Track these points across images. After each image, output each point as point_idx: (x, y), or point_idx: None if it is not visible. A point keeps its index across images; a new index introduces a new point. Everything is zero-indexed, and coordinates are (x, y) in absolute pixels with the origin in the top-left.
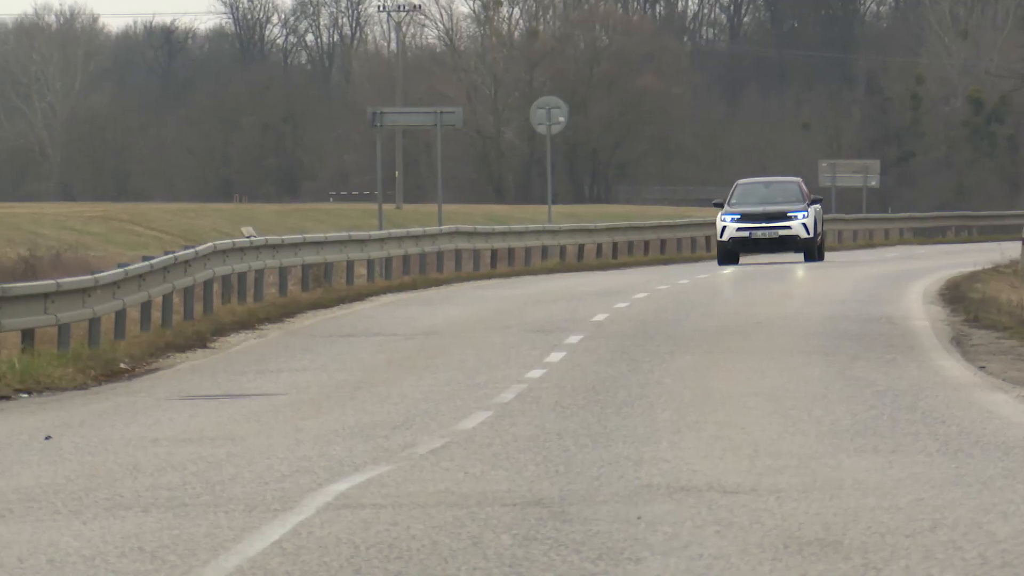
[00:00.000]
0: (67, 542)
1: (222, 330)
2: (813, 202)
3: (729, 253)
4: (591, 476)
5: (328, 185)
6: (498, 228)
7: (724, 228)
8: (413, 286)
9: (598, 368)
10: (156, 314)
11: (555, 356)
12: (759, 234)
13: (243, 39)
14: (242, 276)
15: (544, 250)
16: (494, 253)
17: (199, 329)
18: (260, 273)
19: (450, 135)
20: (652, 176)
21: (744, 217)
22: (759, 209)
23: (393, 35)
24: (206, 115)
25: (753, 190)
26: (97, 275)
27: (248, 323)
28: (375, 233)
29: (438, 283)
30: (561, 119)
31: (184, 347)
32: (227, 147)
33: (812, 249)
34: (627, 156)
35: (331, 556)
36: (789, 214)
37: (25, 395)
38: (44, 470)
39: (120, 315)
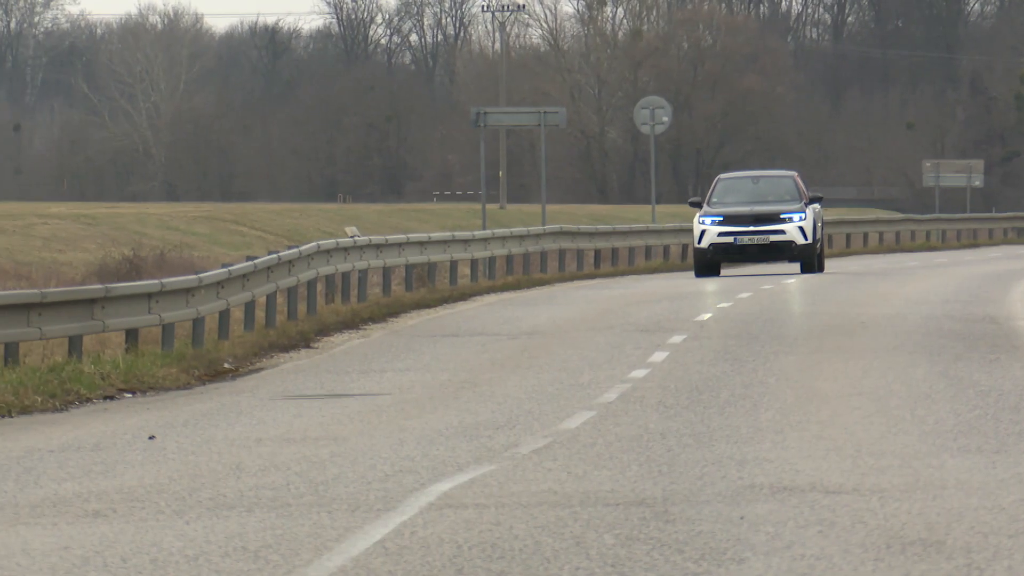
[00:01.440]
0: (170, 542)
1: (326, 330)
2: (812, 201)
3: (709, 263)
4: (694, 476)
5: (432, 185)
6: (602, 228)
7: (703, 232)
8: (516, 286)
9: (701, 368)
10: (260, 314)
11: (658, 356)
12: (746, 240)
13: (347, 39)
14: (346, 276)
15: (648, 250)
16: (597, 253)
17: (303, 329)
18: (364, 273)
19: (554, 135)
20: None
21: (728, 219)
22: (746, 210)
23: (497, 35)
24: (310, 115)
25: (739, 186)
26: (201, 275)
27: (351, 323)
28: (478, 233)
29: (541, 283)
30: (665, 119)
31: (288, 347)
32: (331, 147)
33: (810, 258)
34: (731, 156)
35: (434, 556)
36: (783, 215)
37: (129, 395)
38: (147, 470)
39: (224, 315)
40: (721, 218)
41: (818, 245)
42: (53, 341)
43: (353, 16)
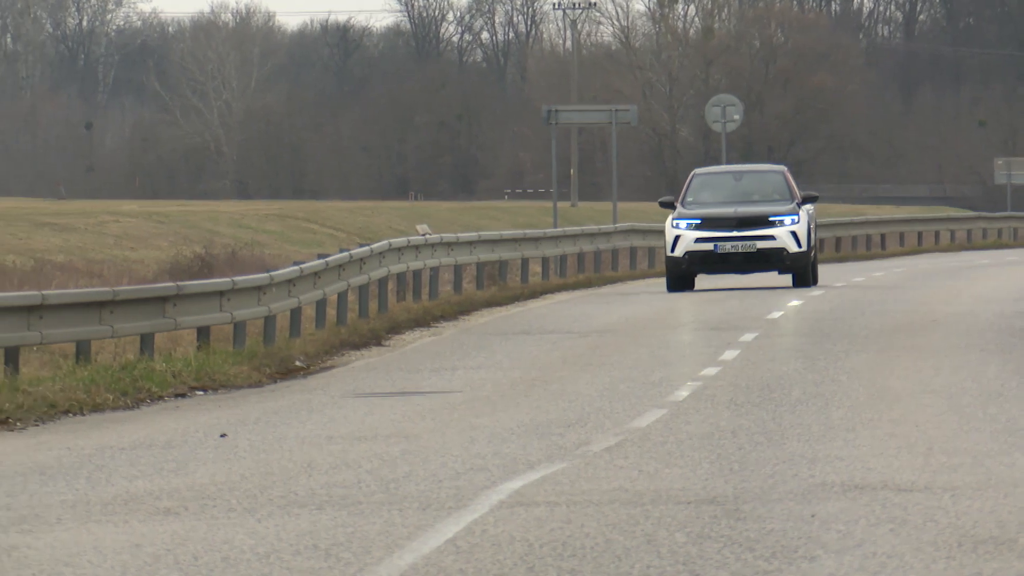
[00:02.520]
0: (242, 540)
1: (397, 328)
2: (805, 201)
3: (684, 274)
4: (765, 474)
5: (503, 183)
6: None
7: (677, 238)
8: (587, 284)
9: (773, 366)
10: (331, 312)
11: (730, 354)
12: (728, 247)
13: (418, 37)
14: (417, 274)
15: None
16: None
17: (374, 327)
18: (435, 271)
19: (625, 132)
20: (827, 174)
21: (707, 222)
22: (729, 211)
23: (568, 33)
24: (381, 113)
25: (719, 183)
26: (272, 273)
27: (423, 321)
28: (550, 231)
29: (612, 281)
30: (736, 117)
31: (359, 345)
32: (402, 145)
33: (803, 269)
34: (802, 154)
35: (505, 554)
36: (772, 218)
37: (201, 393)
38: (219, 468)
39: (295, 313)
40: (699, 221)
41: (812, 252)
42: (125, 339)
43: (424, 14)
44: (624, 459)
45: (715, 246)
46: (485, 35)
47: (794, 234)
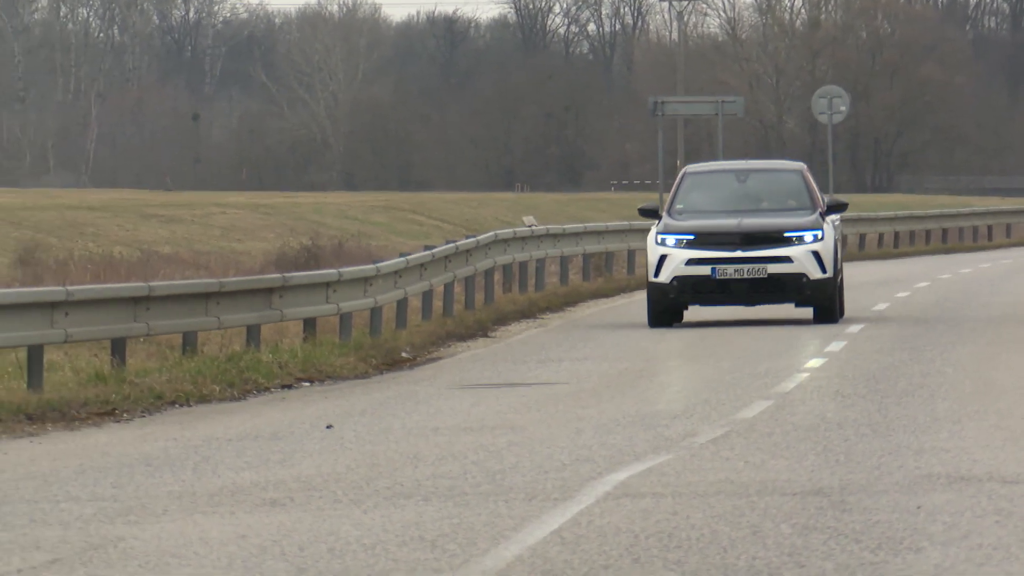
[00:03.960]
0: (347, 531)
1: (503, 319)
2: (830, 210)
3: (671, 306)
4: (871, 465)
5: (609, 174)
6: None
7: (662, 259)
8: None
9: (879, 357)
10: (437, 303)
11: (836, 345)
12: (730, 271)
13: (525, 29)
14: (523, 265)
15: None
16: None
17: (480, 318)
18: (541, 262)
19: (731, 124)
20: (934, 166)
21: (702, 238)
22: (731, 223)
23: (675, 24)
24: (488, 105)
25: (717, 185)
26: (379, 264)
27: (529, 312)
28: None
29: None
30: (843, 108)
31: (465, 336)
32: (509, 137)
33: (828, 300)
34: (909, 146)
35: (610, 545)
36: (788, 233)
37: (307, 384)
38: (325, 459)
39: (401, 304)
40: (691, 237)
41: (839, 278)
42: (231, 330)
43: (530, 5)
44: (730, 450)
45: (713, 270)
46: (592, 27)
47: (816, 255)
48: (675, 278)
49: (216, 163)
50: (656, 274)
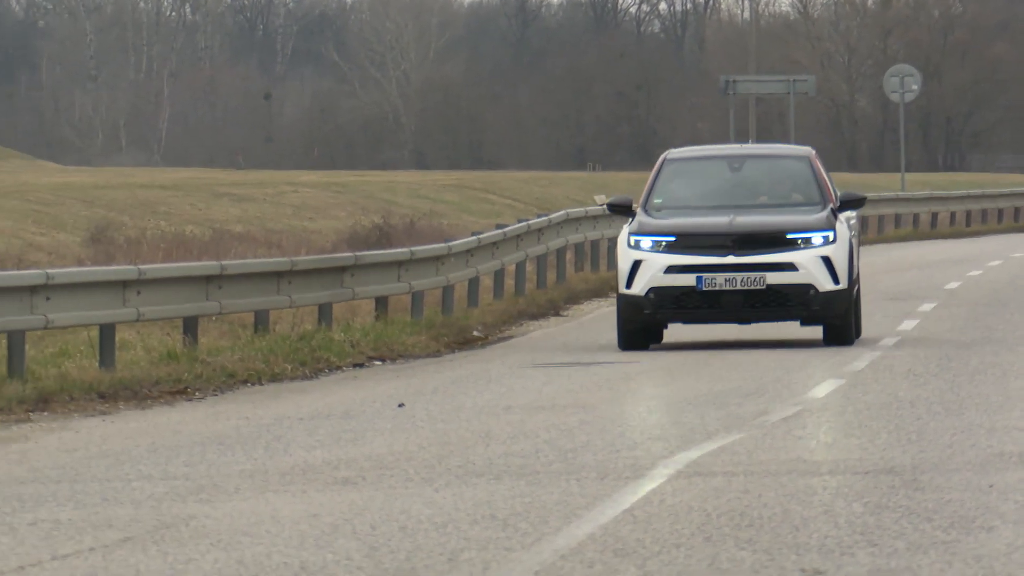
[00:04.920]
0: (419, 509)
1: (575, 298)
2: (844, 206)
3: (646, 322)
4: (943, 444)
5: None
6: None
7: (636, 265)
8: None
9: (951, 336)
10: (509, 282)
11: (908, 324)
12: (720, 281)
13: (596, 8)
14: (595, 244)
15: (897, 218)
16: None
17: (552, 297)
18: (613, 241)
19: (803, 103)
20: (1006, 144)
21: (685, 240)
22: (721, 222)
23: (746, 3)
24: (559, 84)
25: (705, 173)
26: (451, 243)
27: (601, 291)
28: None
29: None
30: (914, 87)
31: (537, 315)
32: (580, 115)
33: (841, 317)
34: (981, 124)
35: (682, 524)
36: (791, 235)
37: (379, 362)
38: (397, 437)
39: (473, 283)
40: (672, 239)
41: (854, 289)
42: (303, 309)
43: None
44: (802, 429)
45: (698, 279)
46: (663, 6)
47: (827, 261)
48: (651, 289)
49: (288, 142)
50: (628, 284)
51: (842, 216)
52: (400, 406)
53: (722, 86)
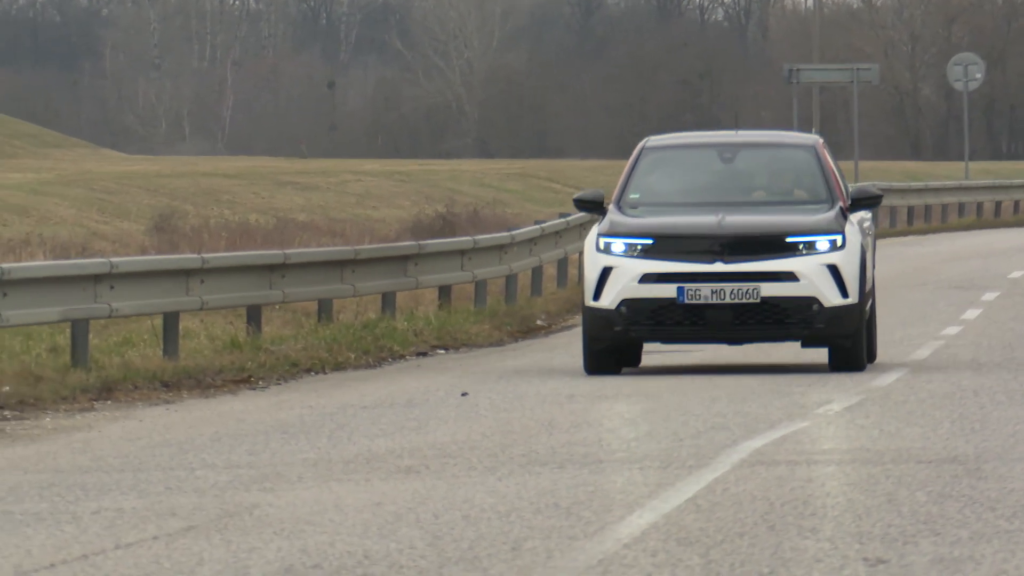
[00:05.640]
0: (482, 498)
1: None
2: (857, 204)
3: (617, 341)
4: (1007, 433)
5: None
6: (914, 185)
7: (606, 272)
8: None
9: (1015, 325)
10: (572, 271)
11: (971, 313)
12: (706, 292)
13: None
14: None
15: (960, 207)
16: (910, 210)
17: None
18: None
19: (866, 91)
20: None
21: (663, 244)
22: (708, 223)
23: None
24: (623, 72)
25: (690, 164)
26: (514, 232)
27: None
28: None
29: None
30: (978, 75)
31: None
32: (644, 104)
33: (850, 337)
34: None
35: (745, 512)
36: (791, 238)
37: (442, 351)
38: (460, 426)
39: (536, 272)
40: (649, 241)
41: (866, 304)
42: (366, 298)
43: None
44: (865, 418)
45: (680, 291)
46: None
47: (834, 270)
48: (623, 302)
49: (351, 130)
50: (596, 295)
51: (853, 217)
52: (463, 395)
53: (786, 74)
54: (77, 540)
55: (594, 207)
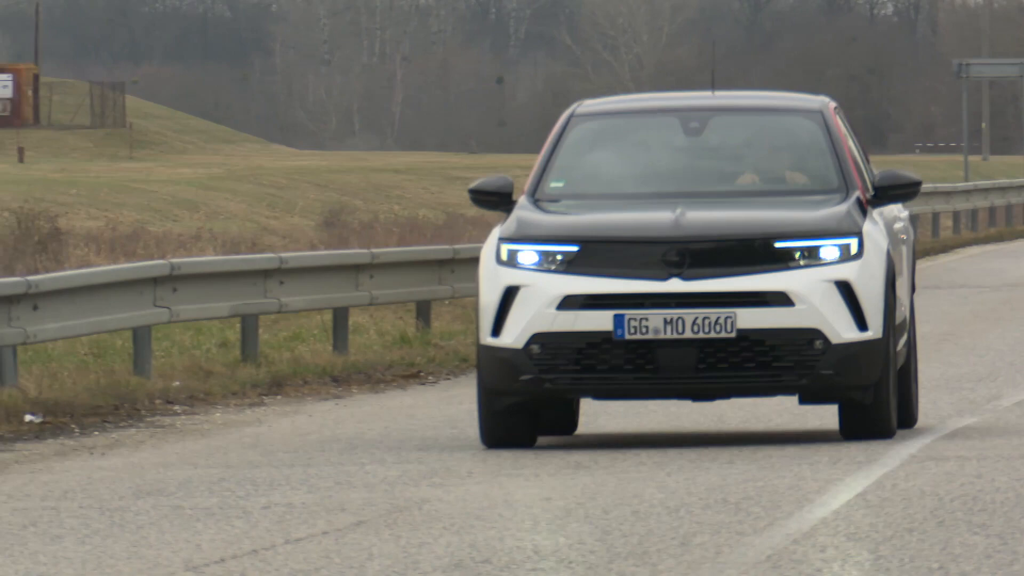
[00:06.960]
0: (651, 493)
1: None
2: (880, 195)
3: (525, 396)
4: None
5: (914, 136)
6: None
7: (511, 295)
8: (999, 238)
9: None
10: None
11: None
12: (656, 324)
13: None
14: None
15: None
16: None
17: None
18: None
19: None
20: None
21: (591, 253)
22: (661, 220)
23: None
24: (792, 67)
25: (641, 137)
26: None
27: None
28: (960, 184)
29: None
30: None
31: None
32: None
33: (867, 389)
34: None
35: (915, 508)
36: (783, 243)
37: None
38: (629, 422)
39: None
40: (574, 249)
41: (902, 344)
42: None
43: None
44: None
45: (619, 320)
46: None
47: (846, 290)
48: (535, 338)
49: (521, 126)
50: (495, 330)
51: (876, 213)
52: None
53: (955, 69)
54: (247, 535)
55: (498, 201)
